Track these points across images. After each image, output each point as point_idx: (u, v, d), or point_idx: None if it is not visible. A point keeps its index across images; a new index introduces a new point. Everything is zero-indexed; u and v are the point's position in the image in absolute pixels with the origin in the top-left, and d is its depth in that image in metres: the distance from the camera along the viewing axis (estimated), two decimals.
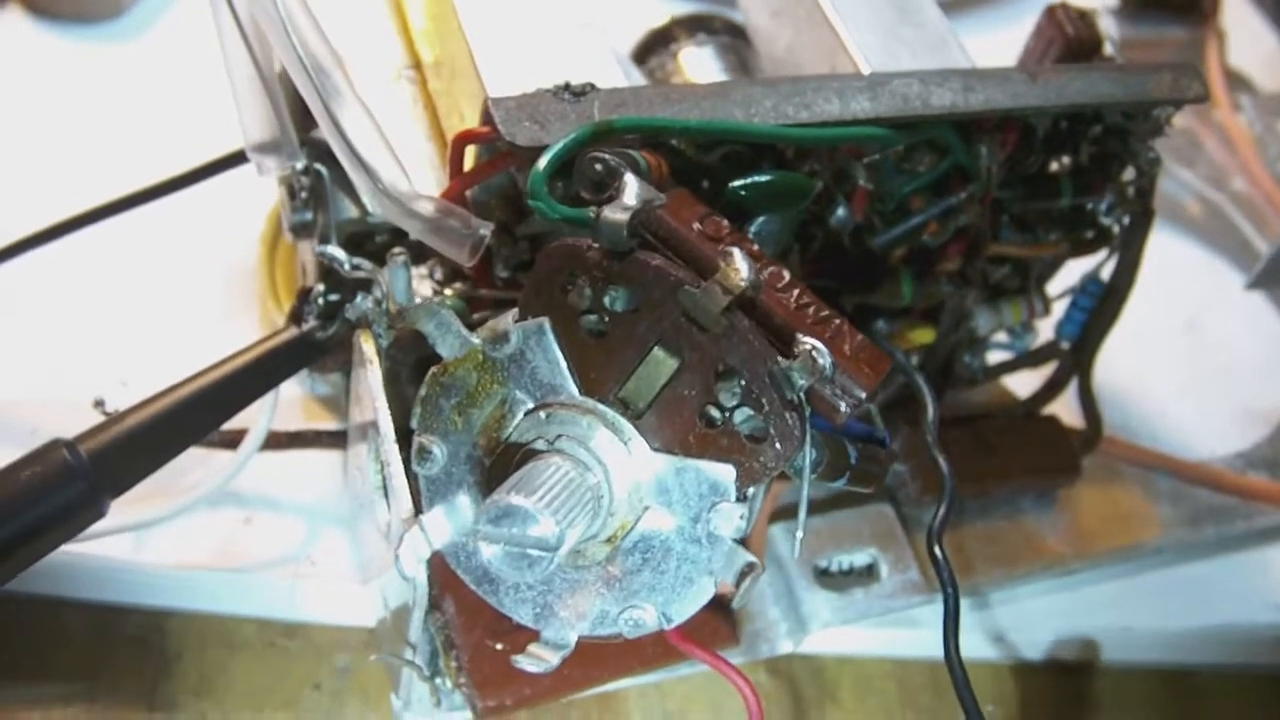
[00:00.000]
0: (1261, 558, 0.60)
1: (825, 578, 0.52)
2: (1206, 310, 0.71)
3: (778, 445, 0.34)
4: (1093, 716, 0.56)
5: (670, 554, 0.36)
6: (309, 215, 0.48)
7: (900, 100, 0.44)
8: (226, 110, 0.48)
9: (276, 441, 0.52)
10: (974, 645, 0.55)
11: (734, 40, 0.58)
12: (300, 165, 0.47)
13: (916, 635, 0.53)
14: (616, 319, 0.35)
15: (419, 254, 0.46)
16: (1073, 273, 0.57)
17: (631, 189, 0.35)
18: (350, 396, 0.48)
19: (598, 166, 0.37)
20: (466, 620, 0.47)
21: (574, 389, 0.35)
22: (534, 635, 0.46)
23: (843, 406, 0.35)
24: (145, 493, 0.50)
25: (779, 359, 0.34)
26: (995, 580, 0.55)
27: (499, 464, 0.36)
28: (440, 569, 0.46)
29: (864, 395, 0.35)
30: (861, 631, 0.53)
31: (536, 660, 0.37)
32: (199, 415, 0.45)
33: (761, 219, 0.42)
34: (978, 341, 0.57)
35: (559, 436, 0.35)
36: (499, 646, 0.47)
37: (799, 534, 0.36)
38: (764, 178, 0.41)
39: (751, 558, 0.35)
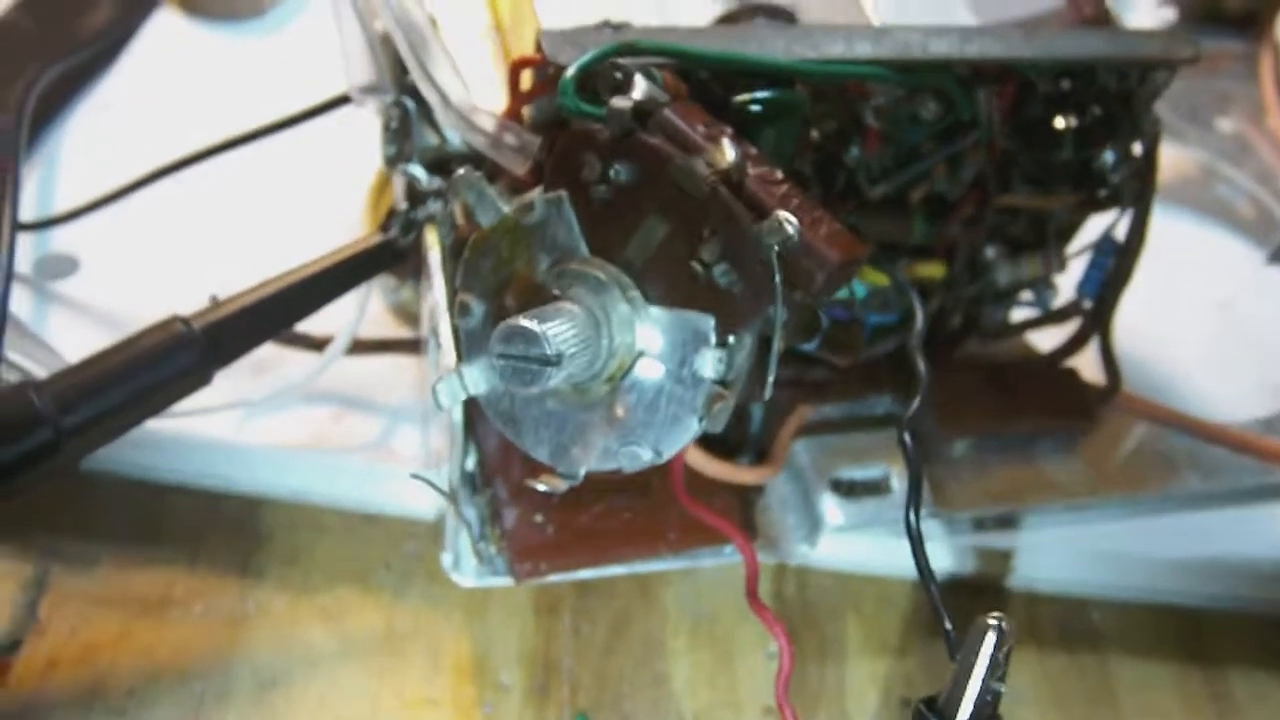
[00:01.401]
0: (1272, 510, 0.63)
1: (840, 489, 0.57)
2: (1245, 294, 0.74)
3: (749, 297, 0.40)
4: (1097, 644, 0.60)
5: (661, 394, 0.42)
6: (397, 146, 0.57)
7: (901, 46, 0.50)
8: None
9: (364, 347, 0.60)
10: (975, 566, 0.60)
11: (789, 24, 0.65)
12: (390, 99, 0.55)
13: (930, 548, 0.58)
14: (620, 190, 0.42)
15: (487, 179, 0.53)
16: (1096, 234, 0.62)
17: (640, 86, 0.43)
18: (423, 304, 0.55)
19: (616, 74, 0.44)
20: (511, 498, 0.54)
21: (585, 250, 0.42)
22: (567, 512, 0.53)
23: (819, 276, 0.41)
24: (247, 387, 0.59)
25: (753, 224, 0.40)
26: (1003, 509, 0.59)
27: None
28: (492, 455, 0.54)
29: (835, 264, 0.41)
30: (877, 543, 0.59)
31: (549, 484, 0.43)
32: (295, 301, 0.53)
33: (766, 136, 0.48)
34: (1000, 295, 0.62)
35: (571, 286, 0.42)
36: (539, 519, 0.54)
37: (769, 378, 0.42)
38: (764, 94, 0.47)
39: (723, 391, 0.41)
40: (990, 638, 0.40)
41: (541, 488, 0.43)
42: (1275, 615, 0.61)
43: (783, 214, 0.40)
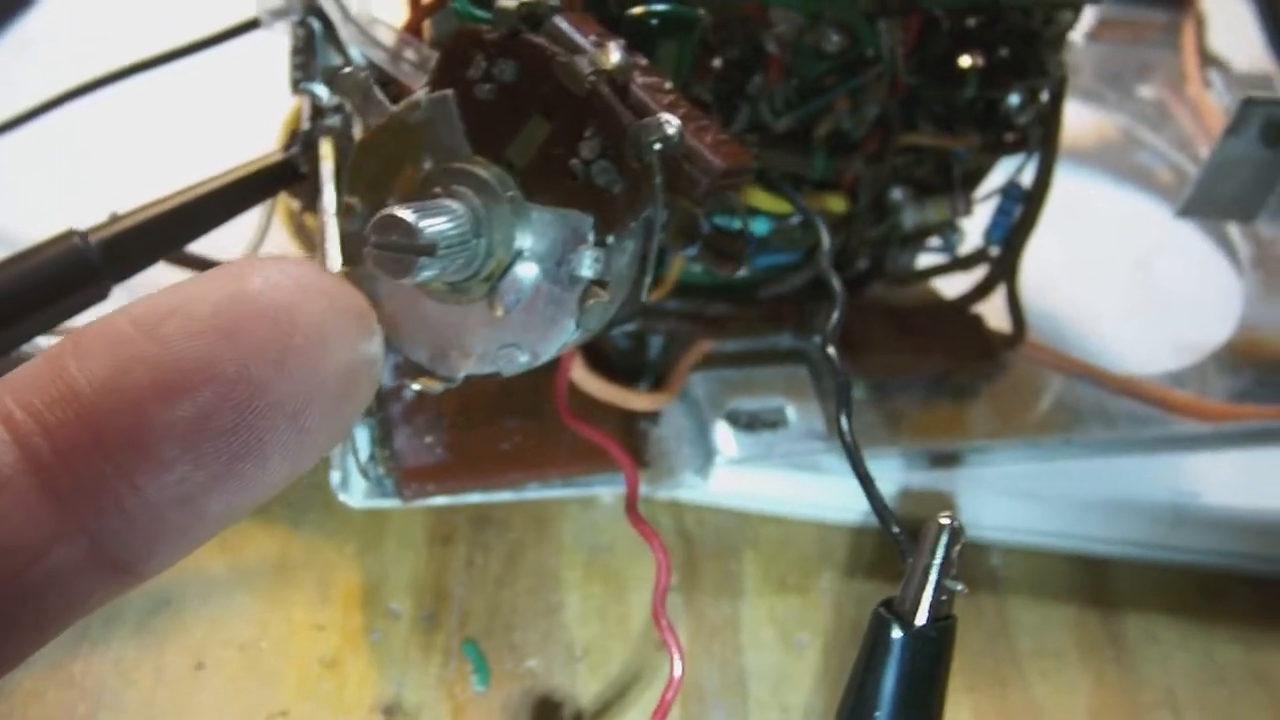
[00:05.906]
0: (1173, 459, 0.63)
1: (736, 421, 0.57)
2: (1160, 254, 0.75)
3: (628, 196, 0.40)
4: (996, 587, 0.61)
5: (539, 295, 0.42)
6: (303, 69, 0.56)
7: None
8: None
9: None
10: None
11: None
12: (297, 18, 0.55)
13: (828, 480, 0.58)
14: (504, 89, 0.42)
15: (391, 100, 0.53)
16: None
17: None
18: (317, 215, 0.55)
19: None
20: (402, 419, 0.53)
21: (469, 150, 0.42)
22: (457, 435, 0.52)
23: (703, 182, 0.42)
24: None
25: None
26: (903, 450, 0.59)
27: None
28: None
29: (719, 170, 0.41)
30: (774, 478, 0.59)
31: (426, 385, 0.43)
32: (195, 216, 0.52)
33: (663, 52, 0.48)
34: (906, 239, 0.62)
35: (452, 185, 0.42)
36: (428, 440, 0.53)
37: (647, 279, 0.42)
38: (659, 6, 0.47)
39: (599, 290, 0.41)
40: (943, 536, 0.40)
41: (416, 387, 0.43)
42: (1173, 561, 0.61)
43: (664, 114, 0.40)
